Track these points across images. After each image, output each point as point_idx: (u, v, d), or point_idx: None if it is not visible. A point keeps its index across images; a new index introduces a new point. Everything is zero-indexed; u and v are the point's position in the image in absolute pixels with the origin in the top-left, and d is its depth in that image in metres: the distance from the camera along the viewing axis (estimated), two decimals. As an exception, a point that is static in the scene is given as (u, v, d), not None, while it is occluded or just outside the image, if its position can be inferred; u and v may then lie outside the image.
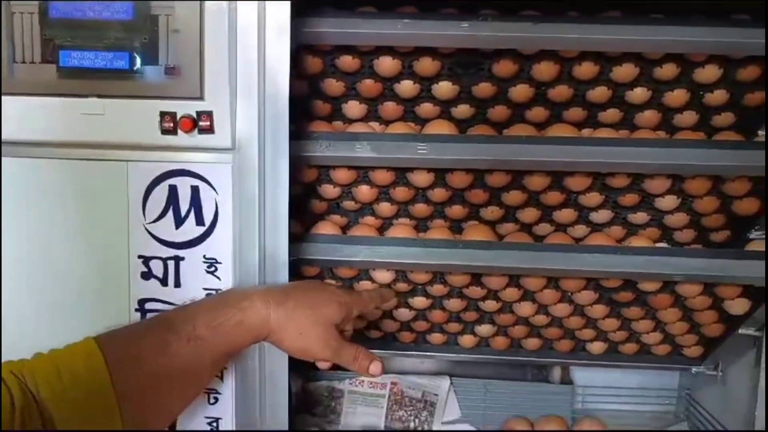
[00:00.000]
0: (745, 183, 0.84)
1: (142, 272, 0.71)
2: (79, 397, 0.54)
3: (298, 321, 0.63)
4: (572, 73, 0.82)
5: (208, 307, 0.62)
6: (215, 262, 0.70)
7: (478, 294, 0.91)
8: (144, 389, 0.57)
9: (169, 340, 0.59)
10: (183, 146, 0.68)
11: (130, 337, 0.60)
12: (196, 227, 0.70)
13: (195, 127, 0.66)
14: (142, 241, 0.70)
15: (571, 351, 1.02)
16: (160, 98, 0.67)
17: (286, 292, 0.64)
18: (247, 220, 0.69)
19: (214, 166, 0.69)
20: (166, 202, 0.70)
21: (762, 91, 0.83)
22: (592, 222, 0.90)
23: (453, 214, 0.90)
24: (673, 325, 0.95)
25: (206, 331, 0.60)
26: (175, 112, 0.66)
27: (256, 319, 0.62)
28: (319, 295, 0.67)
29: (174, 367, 0.58)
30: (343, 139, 0.80)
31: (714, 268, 0.80)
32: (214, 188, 0.69)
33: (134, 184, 0.70)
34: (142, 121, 0.67)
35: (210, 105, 0.66)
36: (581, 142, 0.81)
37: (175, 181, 0.69)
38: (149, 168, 0.69)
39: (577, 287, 0.89)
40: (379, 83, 0.84)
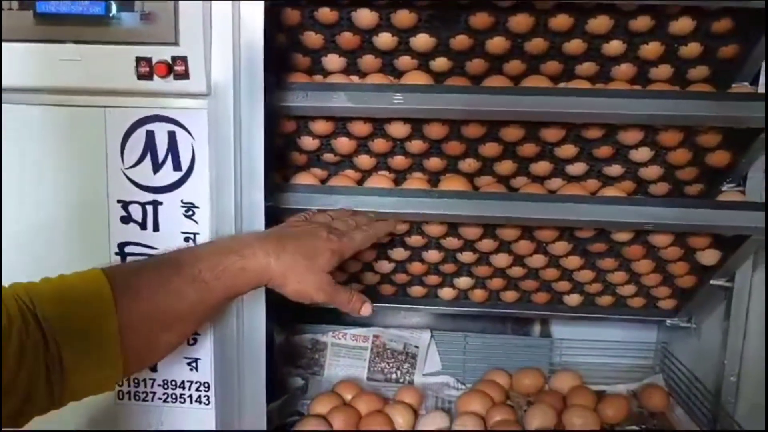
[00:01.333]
0: (717, 135, 0.85)
1: (122, 216, 0.73)
2: (82, 319, 0.56)
3: (296, 270, 0.66)
4: (548, 25, 0.83)
5: (212, 251, 0.65)
6: (193, 206, 0.72)
7: (454, 245, 0.93)
8: (145, 322, 0.59)
9: (175, 279, 0.61)
10: (159, 91, 0.69)
11: (137, 272, 0.62)
12: (174, 172, 0.71)
13: (170, 72, 0.67)
14: (121, 185, 0.72)
15: (549, 303, 1.04)
16: (136, 44, 0.68)
17: (282, 242, 0.67)
18: (223, 165, 0.71)
19: (190, 112, 0.70)
20: (143, 148, 0.71)
21: (735, 43, 0.84)
22: (568, 174, 0.91)
23: (431, 167, 0.91)
24: (647, 277, 0.97)
25: (210, 275, 0.62)
26: (150, 58, 0.67)
27: (258, 267, 0.64)
28: (314, 244, 0.69)
29: (176, 305, 0.61)
30: (319, 89, 0.81)
31: (683, 217, 0.82)
32: (191, 134, 0.71)
33: (112, 129, 0.71)
34: (119, 67, 0.68)
35: (185, 50, 0.67)
36: (555, 93, 0.82)
37: (153, 126, 0.71)
38: (127, 114, 0.71)
39: (551, 237, 0.91)
40: (357, 36, 0.85)
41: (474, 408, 0.99)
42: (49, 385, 0.54)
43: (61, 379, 0.54)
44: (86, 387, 0.58)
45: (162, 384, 0.76)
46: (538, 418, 0.97)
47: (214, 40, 0.68)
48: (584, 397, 1.02)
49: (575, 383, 1.07)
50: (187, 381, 0.76)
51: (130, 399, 0.77)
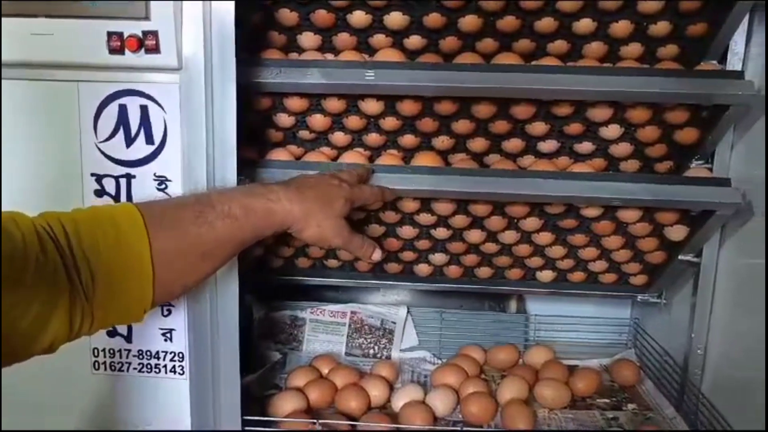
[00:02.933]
0: (684, 112, 0.87)
1: (96, 190, 0.74)
2: (115, 245, 0.58)
3: (315, 216, 0.71)
4: (519, 3, 0.84)
5: (241, 192, 0.69)
6: (165, 179, 0.73)
7: (428, 221, 0.95)
8: (176, 253, 0.62)
9: (207, 213, 0.64)
10: (131, 66, 0.70)
11: (169, 206, 0.65)
12: (146, 146, 0.73)
13: (141, 46, 0.68)
14: (95, 159, 0.73)
15: (523, 279, 1.06)
16: (107, 18, 0.69)
17: (302, 191, 0.71)
18: (195, 139, 0.72)
19: (162, 86, 0.71)
20: (116, 122, 0.72)
21: (703, 22, 0.85)
22: (540, 152, 0.93)
23: (405, 143, 0.93)
24: (617, 253, 0.99)
25: (240, 212, 0.65)
26: (122, 32, 0.68)
27: (282, 210, 0.69)
28: (329, 191, 0.74)
29: (207, 238, 0.63)
30: (292, 65, 0.83)
31: (650, 192, 0.84)
32: (163, 108, 0.72)
33: (85, 104, 0.72)
34: (91, 41, 0.69)
35: (155, 25, 0.68)
36: (524, 70, 0.83)
37: (125, 100, 0.72)
38: (99, 88, 0.72)
39: (522, 213, 0.92)
40: (331, 13, 0.86)
41: (448, 381, 1.01)
42: (70, 313, 0.55)
43: (89, 306, 0.57)
44: (116, 312, 0.60)
45: (137, 354, 0.78)
46: (511, 390, 0.99)
47: (185, 15, 0.69)
48: (556, 371, 1.04)
49: (548, 358, 1.09)
50: (161, 351, 0.78)
51: (105, 369, 0.79)
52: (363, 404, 0.95)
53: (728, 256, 0.94)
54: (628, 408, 1.00)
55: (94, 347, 0.78)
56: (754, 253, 0.88)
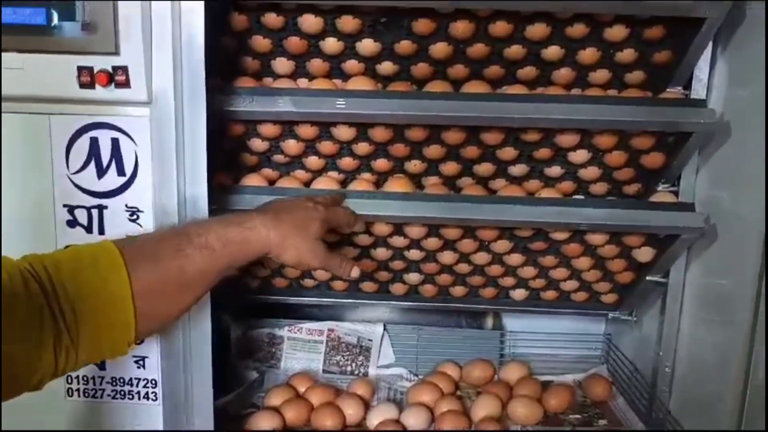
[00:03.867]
0: (650, 138, 0.89)
1: (68, 220, 0.75)
2: (96, 284, 0.59)
3: (293, 240, 0.72)
4: (488, 31, 0.86)
5: (217, 223, 0.69)
6: (137, 210, 0.74)
7: (401, 244, 0.96)
8: (158, 289, 0.64)
9: (184, 245, 0.65)
10: (101, 100, 0.71)
11: (147, 242, 0.67)
12: (118, 177, 0.74)
13: (111, 81, 0.69)
14: (67, 190, 0.74)
15: (496, 297, 1.08)
16: (77, 53, 0.69)
17: (278, 216, 0.73)
18: (166, 171, 0.73)
19: (132, 119, 0.72)
20: (88, 154, 0.73)
21: (668, 50, 0.87)
22: (511, 175, 0.95)
23: (378, 167, 0.94)
24: (587, 273, 1.01)
25: (217, 243, 0.66)
26: (92, 67, 0.69)
27: (259, 238, 0.70)
28: (305, 215, 0.76)
29: (187, 270, 0.65)
30: (264, 94, 0.84)
31: (615, 217, 0.86)
32: (134, 140, 0.73)
33: (57, 136, 0.73)
34: (61, 76, 0.70)
35: (125, 60, 0.69)
36: (493, 98, 0.85)
37: (96, 133, 0.73)
38: (70, 121, 0.72)
39: (492, 236, 0.94)
40: (304, 40, 0.87)
41: (423, 399, 1.03)
42: (55, 351, 0.56)
43: (73, 345, 0.58)
44: (100, 350, 0.62)
45: (110, 381, 0.79)
46: (484, 408, 1.01)
47: (155, 50, 0.70)
48: (530, 387, 1.06)
49: (523, 374, 1.11)
50: (135, 378, 0.79)
51: (79, 396, 0.79)
52: (338, 423, 0.97)
53: (695, 276, 0.96)
54: (599, 424, 1.03)
55: (67, 374, 0.79)
56: (720, 273, 0.90)
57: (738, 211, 0.85)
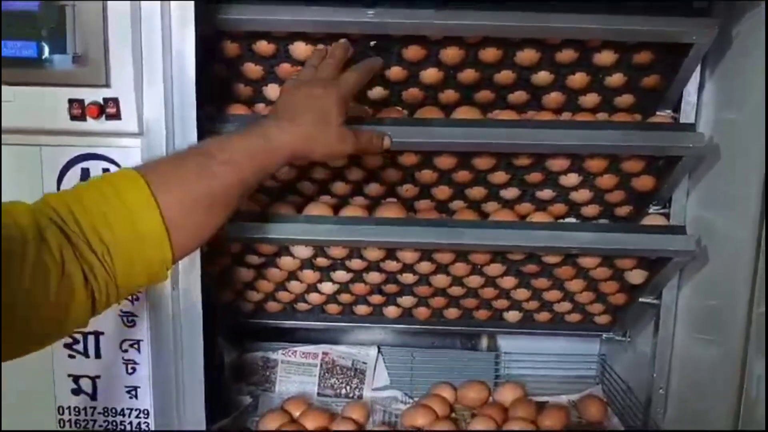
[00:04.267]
0: (641, 161, 0.89)
1: (59, 251, 0.74)
2: (127, 216, 0.59)
3: (316, 137, 0.71)
4: (478, 57, 0.86)
5: (238, 137, 0.68)
6: (128, 240, 0.74)
7: (394, 268, 0.96)
8: (188, 212, 0.63)
9: (209, 163, 0.64)
10: (92, 131, 0.71)
11: (170, 164, 0.65)
12: (109, 208, 0.73)
13: (102, 113, 0.70)
14: (58, 222, 0.74)
15: (490, 319, 1.08)
16: (68, 86, 0.70)
17: (293, 117, 0.71)
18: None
19: (123, 150, 0.72)
20: (79, 185, 0.73)
21: (656, 74, 0.88)
22: (503, 198, 0.95)
23: (371, 192, 0.94)
24: (580, 295, 1.01)
25: (240, 156, 0.66)
26: (82, 99, 0.70)
27: (282, 146, 0.69)
28: (320, 105, 0.72)
29: (214, 187, 0.64)
30: (255, 121, 0.84)
31: (607, 241, 0.86)
32: (125, 171, 0.73)
33: (48, 167, 0.73)
34: (52, 108, 0.70)
35: (116, 92, 0.70)
36: (484, 125, 0.86)
37: (88, 164, 0.73)
38: (61, 152, 0.73)
39: (485, 260, 0.94)
40: (296, 67, 0.88)
41: (418, 422, 1.02)
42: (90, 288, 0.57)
43: (111, 278, 0.58)
44: (138, 277, 0.62)
45: (102, 411, 0.79)
46: (479, 431, 1.00)
47: (146, 82, 0.71)
48: (525, 409, 1.06)
49: (518, 395, 1.11)
50: (126, 408, 0.79)
51: (71, 426, 0.79)
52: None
53: (687, 297, 0.96)
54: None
55: (59, 405, 0.79)
56: (712, 294, 0.90)
57: (728, 233, 0.85)
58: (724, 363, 0.84)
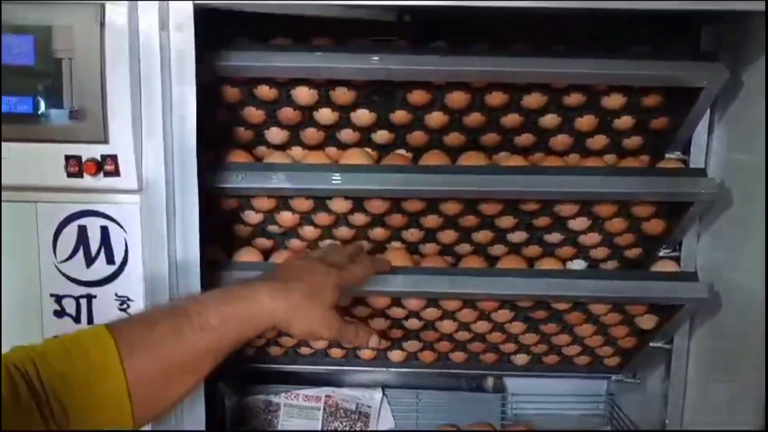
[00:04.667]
0: (650, 206, 0.87)
1: (55, 310, 0.72)
2: (89, 379, 0.56)
3: (303, 311, 0.67)
4: (484, 100, 0.85)
5: (218, 299, 0.65)
6: (127, 299, 0.72)
7: (400, 314, 0.94)
8: (155, 377, 0.59)
9: (183, 328, 0.61)
10: (90, 188, 0.69)
11: (141, 323, 0.61)
12: (107, 266, 0.71)
13: (100, 170, 0.67)
14: (54, 279, 0.71)
15: (497, 362, 1.05)
16: (65, 142, 0.68)
17: (287, 284, 0.67)
18: (157, 259, 0.71)
19: (122, 207, 0.70)
20: (76, 242, 0.71)
21: (666, 116, 0.86)
22: (510, 242, 0.93)
23: (376, 236, 0.92)
24: (589, 339, 0.99)
25: (218, 322, 0.62)
26: (80, 156, 0.67)
27: (265, 312, 0.65)
28: (316, 280, 0.70)
29: (185, 354, 0.61)
30: (258, 169, 0.82)
31: (618, 289, 0.84)
32: (123, 228, 0.71)
33: (44, 224, 0.71)
34: (48, 165, 0.68)
35: (114, 148, 0.67)
36: (492, 171, 0.84)
37: (85, 221, 0.70)
38: (58, 209, 0.70)
39: (493, 307, 0.92)
40: (298, 111, 0.86)
41: (424, 469, 1.00)
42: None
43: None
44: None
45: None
46: (487, 478, 0.98)
47: (146, 138, 0.69)
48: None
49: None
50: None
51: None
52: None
53: (700, 340, 0.94)
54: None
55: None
56: (726, 337, 0.88)
57: (741, 275, 0.83)
58: (740, 405, 0.82)
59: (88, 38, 0.66)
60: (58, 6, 0.65)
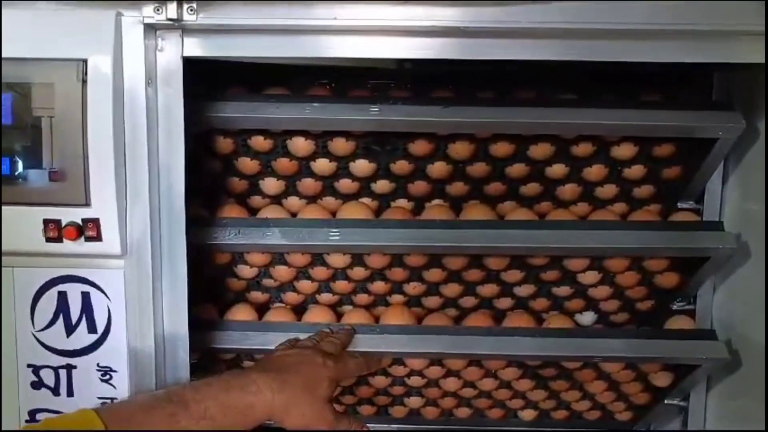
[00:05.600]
0: (664, 260, 0.83)
1: (32, 382, 0.67)
2: None
3: (298, 404, 0.66)
4: (489, 151, 0.81)
5: (218, 388, 0.62)
6: (110, 370, 0.67)
7: (401, 372, 0.89)
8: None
9: (180, 415, 0.58)
10: (70, 253, 0.64)
11: (136, 410, 0.58)
12: (89, 335, 0.67)
13: (81, 235, 0.63)
14: (32, 349, 0.67)
15: (503, 418, 1.00)
16: (44, 205, 0.63)
17: (283, 376, 0.66)
18: (142, 327, 0.66)
19: (104, 272, 0.66)
20: (55, 309, 0.66)
21: (678, 165, 0.83)
22: (516, 295, 0.89)
23: (376, 290, 0.88)
24: (600, 395, 0.94)
25: (217, 412, 0.60)
26: (59, 220, 0.63)
27: (262, 403, 0.63)
28: (313, 374, 0.68)
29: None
30: (252, 225, 0.78)
31: (631, 349, 0.80)
32: (106, 294, 0.66)
33: (21, 290, 0.66)
34: (26, 229, 0.63)
35: (96, 212, 0.63)
36: (498, 226, 0.80)
37: (65, 287, 0.66)
38: (36, 274, 0.66)
39: (500, 365, 0.87)
40: (295, 162, 0.82)
41: None
42: None
43: None
44: None
45: None
46: None
47: (130, 200, 0.64)
48: None
49: (534, 498, 1.03)
50: None
51: None
52: None
53: (717, 400, 0.89)
54: None
55: None
56: (744, 396, 0.83)
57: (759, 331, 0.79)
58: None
59: (69, 95, 0.62)
60: (38, 63, 0.61)
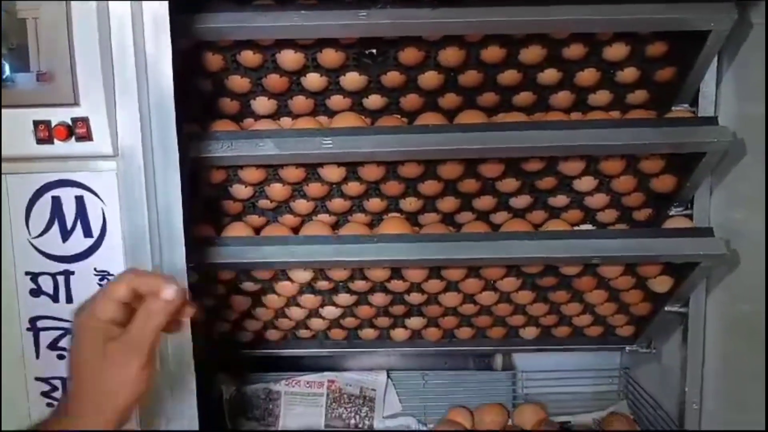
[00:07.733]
0: (660, 160, 0.83)
1: (31, 289, 0.67)
2: None
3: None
4: (480, 57, 0.80)
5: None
6: (107, 274, 0.67)
7: (400, 287, 0.89)
8: None
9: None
10: (61, 155, 0.64)
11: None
12: (85, 239, 0.67)
13: (71, 135, 0.63)
14: (29, 257, 0.67)
15: (505, 337, 1.01)
16: (33, 106, 0.63)
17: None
18: (137, 229, 0.66)
19: (97, 174, 0.65)
20: (50, 215, 0.66)
21: (672, 66, 0.82)
22: (513, 207, 0.88)
23: (371, 208, 0.88)
24: (601, 306, 0.94)
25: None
26: (49, 120, 0.63)
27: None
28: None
29: None
30: (244, 137, 0.78)
31: (630, 248, 0.80)
32: (100, 197, 0.66)
33: (15, 197, 0.66)
34: (16, 132, 0.63)
35: (85, 111, 0.63)
36: (491, 128, 0.79)
37: (58, 192, 0.66)
38: (29, 180, 0.66)
39: (499, 275, 0.87)
40: (285, 78, 0.82)
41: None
42: None
43: None
44: None
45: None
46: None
47: (119, 98, 0.64)
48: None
49: (538, 417, 1.04)
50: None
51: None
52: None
53: (716, 304, 0.89)
54: (625, 469, 0.95)
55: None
56: (744, 299, 0.83)
57: (757, 232, 0.79)
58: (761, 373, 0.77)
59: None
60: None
